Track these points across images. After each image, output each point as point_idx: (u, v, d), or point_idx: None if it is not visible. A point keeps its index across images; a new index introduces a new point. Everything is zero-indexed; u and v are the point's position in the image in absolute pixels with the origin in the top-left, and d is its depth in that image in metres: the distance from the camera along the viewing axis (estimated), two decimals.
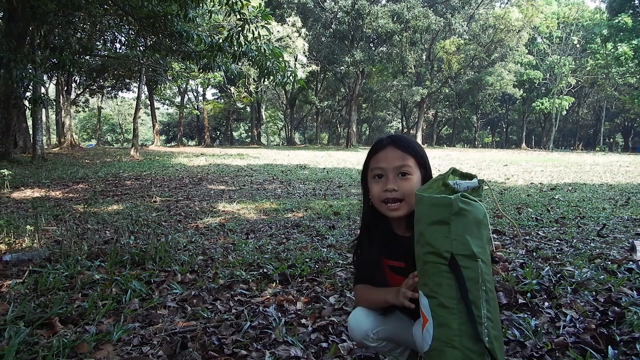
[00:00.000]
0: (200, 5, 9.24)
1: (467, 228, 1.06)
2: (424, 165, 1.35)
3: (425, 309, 1.12)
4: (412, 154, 1.33)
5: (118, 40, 16.85)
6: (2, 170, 7.64)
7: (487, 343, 1.04)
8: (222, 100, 40.31)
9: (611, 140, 58.25)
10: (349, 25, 32.69)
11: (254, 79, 30.64)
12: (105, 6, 10.36)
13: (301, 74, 27.83)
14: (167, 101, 43.57)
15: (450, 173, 1.18)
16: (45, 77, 21.83)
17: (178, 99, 44.05)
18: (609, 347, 1.74)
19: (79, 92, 30.90)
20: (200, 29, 11.94)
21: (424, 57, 39.71)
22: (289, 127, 45.53)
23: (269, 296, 2.50)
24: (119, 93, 38.10)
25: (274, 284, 2.71)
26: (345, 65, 31.87)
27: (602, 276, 2.66)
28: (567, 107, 43.11)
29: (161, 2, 8.99)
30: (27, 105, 12.04)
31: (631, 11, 32.94)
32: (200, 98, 47.36)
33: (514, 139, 59.76)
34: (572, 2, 41.91)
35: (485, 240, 1.09)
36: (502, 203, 6.13)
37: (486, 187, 1.18)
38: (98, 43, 17.68)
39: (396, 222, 1.40)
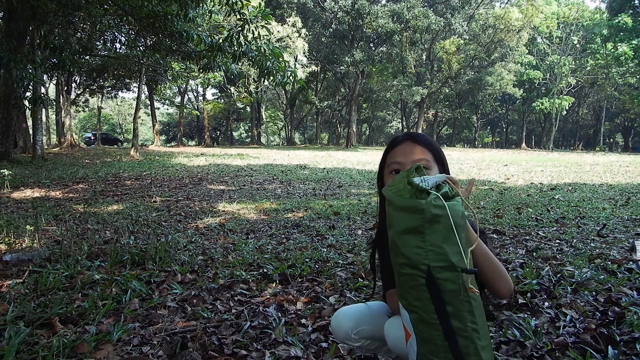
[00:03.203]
0: (200, 5, 9.25)
1: (443, 236, 0.96)
2: (441, 162, 1.32)
3: (406, 322, 1.04)
4: (430, 149, 1.30)
5: (118, 40, 16.88)
6: (2, 170, 7.65)
7: (473, 356, 0.97)
8: (222, 100, 40.30)
9: (611, 140, 58.23)
10: (349, 25, 32.68)
11: (254, 79, 30.63)
12: (105, 6, 10.37)
13: (301, 74, 27.83)
14: (167, 101, 43.56)
15: (414, 170, 1.07)
16: (45, 77, 21.83)
17: (178, 99, 44.08)
18: (609, 347, 1.74)
19: (79, 92, 30.90)
20: (200, 29, 11.94)
21: (424, 57, 39.72)
22: (289, 127, 45.53)
23: (269, 296, 2.50)
24: (119, 93, 38.13)
25: (274, 284, 2.71)
26: (345, 65, 31.86)
27: (602, 276, 2.66)
28: (567, 107, 43.11)
29: (161, 2, 9.00)
30: (27, 105, 12.04)
31: (631, 11, 32.95)
32: (200, 98, 47.41)
33: (514, 139, 59.77)
34: (572, 2, 41.93)
35: (465, 243, 0.98)
36: (502, 203, 6.12)
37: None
38: (98, 43, 17.68)
39: None
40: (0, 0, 10.60)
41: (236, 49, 8.95)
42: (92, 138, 39.16)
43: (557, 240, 3.76)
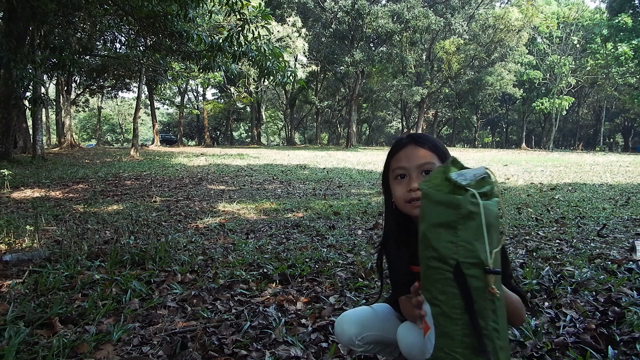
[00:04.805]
0: (200, 5, 9.24)
1: (476, 233, 0.97)
2: None
3: (427, 316, 1.06)
4: (435, 151, 1.27)
5: (118, 40, 16.90)
6: (2, 170, 7.65)
7: (492, 355, 0.97)
8: (222, 100, 40.34)
9: (611, 140, 58.24)
10: (349, 25, 32.69)
11: (254, 79, 30.64)
12: (105, 6, 10.38)
13: (301, 74, 27.86)
14: (167, 101, 43.63)
15: (449, 164, 1.07)
16: (45, 77, 21.84)
17: (178, 99, 44.11)
18: (609, 347, 1.74)
19: (79, 92, 30.90)
20: (200, 29, 11.93)
21: (424, 57, 39.73)
22: (289, 127, 45.54)
23: (269, 296, 2.50)
24: (119, 93, 38.18)
25: (274, 284, 2.71)
26: (345, 65, 31.86)
27: (602, 276, 2.66)
28: (567, 107, 43.12)
29: (161, 2, 9.00)
30: (27, 105, 12.05)
31: (631, 11, 32.95)
32: (200, 98, 47.45)
33: (514, 139, 59.78)
34: (572, 2, 41.92)
35: (495, 244, 0.99)
36: (502, 203, 6.12)
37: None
38: (98, 43, 17.71)
39: None
40: (0, 0, 10.60)
41: (236, 49, 8.95)
42: (172, 137, 42.51)
43: (557, 240, 3.76)
